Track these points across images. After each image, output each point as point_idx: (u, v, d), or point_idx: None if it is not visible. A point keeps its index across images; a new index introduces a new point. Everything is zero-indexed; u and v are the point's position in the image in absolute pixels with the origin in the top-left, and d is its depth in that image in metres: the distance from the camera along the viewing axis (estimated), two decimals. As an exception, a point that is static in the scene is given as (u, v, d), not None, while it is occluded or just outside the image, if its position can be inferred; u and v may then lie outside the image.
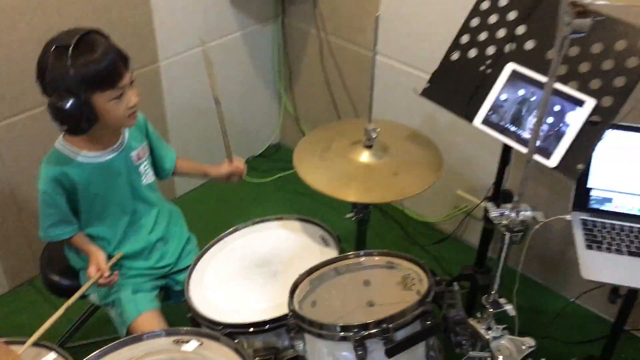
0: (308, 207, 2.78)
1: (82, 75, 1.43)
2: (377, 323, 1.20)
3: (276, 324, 1.48)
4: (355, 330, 1.20)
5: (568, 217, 1.66)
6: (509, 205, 1.26)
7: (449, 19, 2.20)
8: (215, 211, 2.81)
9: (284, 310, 1.48)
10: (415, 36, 2.37)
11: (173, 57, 2.52)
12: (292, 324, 1.30)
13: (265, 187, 2.94)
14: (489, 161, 2.33)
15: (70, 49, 1.41)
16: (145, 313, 1.66)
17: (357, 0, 2.51)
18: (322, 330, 1.25)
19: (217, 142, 1.82)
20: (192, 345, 1.25)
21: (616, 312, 1.79)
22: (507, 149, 1.84)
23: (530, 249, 1.68)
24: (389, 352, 1.19)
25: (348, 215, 1.79)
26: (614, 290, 1.69)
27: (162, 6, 2.38)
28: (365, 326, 1.20)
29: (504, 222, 1.27)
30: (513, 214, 1.25)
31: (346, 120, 2.70)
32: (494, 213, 1.28)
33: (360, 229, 1.84)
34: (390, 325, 1.19)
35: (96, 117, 1.49)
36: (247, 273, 1.66)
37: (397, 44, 2.44)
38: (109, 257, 1.66)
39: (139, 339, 1.28)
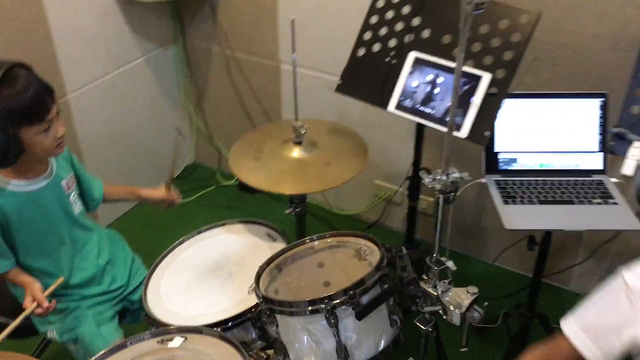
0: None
1: (8, 110, 1.43)
2: (344, 291, 1.31)
3: (240, 319, 1.55)
4: (326, 301, 1.31)
5: (483, 180, 1.87)
6: (440, 170, 1.42)
7: (345, 21, 2.40)
8: (145, 237, 2.81)
9: (246, 305, 1.57)
10: (315, 42, 2.52)
11: (81, 88, 2.51)
12: (264, 309, 1.38)
13: (189, 206, 2.98)
14: (399, 148, 2.53)
15: None
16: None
17: (255, 14, 2.64)
18: (292, 308, 1.34)
19: (136, 168, 1.85)
20: (177, 341, 1.30)
21: (534, 262, 2.02)
22: (420, 130, 2.03)
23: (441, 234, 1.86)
24: (359, 315, 1.31)
25: (287, 211, 1.90)
26: (531, 239, 1.91)
27: (64, 40, 2.38)
28: (334, 296, 1.31)
29: (437, 186, 1.43)
30: (444, 177, 1.41)
31: (270, 123, 2.80)
32: (427, 179, 1.43)
33: (299, 222, 1.95)
34: (357, 291, 1.31)
35: (23, 149, 1.50)
36: (203, 279, 1.72)
37: (299, 50, 2.58)
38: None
39: (123, 346, 1.31)
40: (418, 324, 1.58)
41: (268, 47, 2.68)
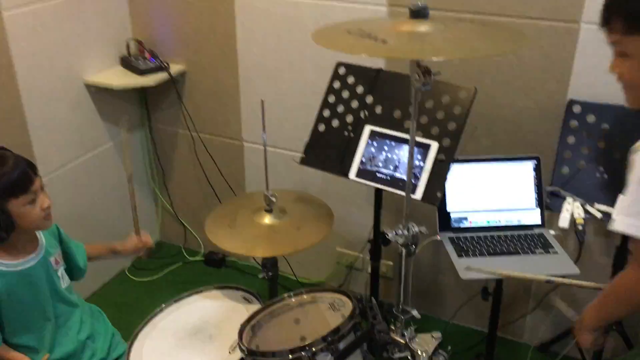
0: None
1: None
2: (323, 338, 1.44)
3: (224, 378, 1.65)
4: (307, 348, 1.43)
5: (438, 237, 2.06)
6: (401, 225, 1.60)
7: (302, 102, 2.62)
8: (116, 318, 2.79)
9: (228, 363, 1.66)
10: (276, 122, 2.72)
11: (52, 173, 2.62)
12: (248, 362, 1.49)
13: (157, 283, 3.04)
14: (358, 216, 2.71)
15: None
16: None
17: (219, 99, 2.84)
18: (275, 357, 1.46)
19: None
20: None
21: (489, 311, 2.19)
22: (379, 195, 2.22)
23: (405, 286, 2.02)
24: (338, 359, 1.43)
25: (261, 275, 2.03)
26: (484, 290, 2.09)
27: (39, 127, 2.51)
28: (314, 343, 1.43)
29: (400, 240, 1.61)
30: (406, 232, 1.59)
31: (240, 196, 2.94)
32: (390, 234, 1.61)
33: (272, 286, 2.07)
34: (334, 338, 1.44)
35: (13, 224, 1.62)
36: (185, 343, 1.80)
37: (261, 129, 2.78)
38: None
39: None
40: (388, 372, 1.71)
41: (232, 129, 2.88)
